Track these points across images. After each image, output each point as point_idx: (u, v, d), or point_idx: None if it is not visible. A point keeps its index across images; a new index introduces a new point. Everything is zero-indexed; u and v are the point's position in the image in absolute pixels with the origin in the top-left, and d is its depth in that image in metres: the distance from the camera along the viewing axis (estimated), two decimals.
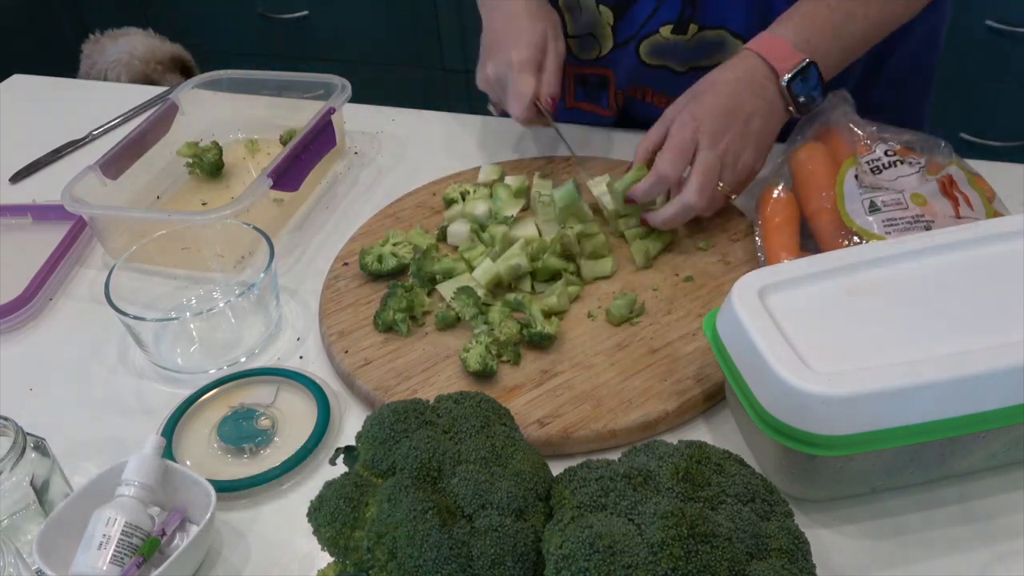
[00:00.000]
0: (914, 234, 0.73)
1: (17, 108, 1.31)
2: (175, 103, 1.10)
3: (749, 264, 0.84)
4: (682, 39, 0.98)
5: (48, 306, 0.92)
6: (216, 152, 1.07)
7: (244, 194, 0.90)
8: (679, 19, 0.97)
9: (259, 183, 0.92)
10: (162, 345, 0.83)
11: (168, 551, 0.63)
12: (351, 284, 0.87)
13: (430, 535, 0.53)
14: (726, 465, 0.57)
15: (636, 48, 1.01)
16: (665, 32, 0.98)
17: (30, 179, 1.14)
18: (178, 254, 0.91)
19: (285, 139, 1.10)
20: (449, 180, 1.01)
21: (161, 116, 1.08)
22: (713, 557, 0.50)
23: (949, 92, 1.88)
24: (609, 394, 0.73)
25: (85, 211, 0.92)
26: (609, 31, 1.02)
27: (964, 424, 0.58)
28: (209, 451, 0.73)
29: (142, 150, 1.04)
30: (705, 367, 0.74)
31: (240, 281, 0.90)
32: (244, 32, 2.59)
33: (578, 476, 0.56)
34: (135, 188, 1.03)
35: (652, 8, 0.97)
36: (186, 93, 1.11)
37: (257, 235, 0.86)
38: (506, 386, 0.74)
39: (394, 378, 0.76)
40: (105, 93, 1.35)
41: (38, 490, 0.65)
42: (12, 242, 1.01)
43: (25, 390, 0.82)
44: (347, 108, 1.10)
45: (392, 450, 0.58)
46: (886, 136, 0.85)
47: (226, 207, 0.89)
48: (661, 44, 1.00)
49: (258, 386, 0.78)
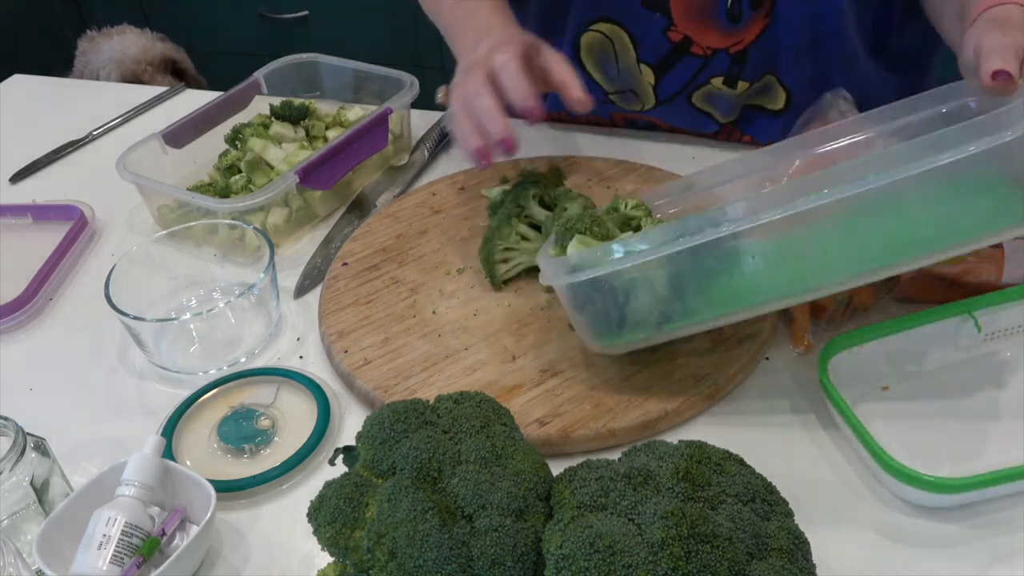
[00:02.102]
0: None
1: (17, 108, 1.31)
2: (258, 80, 1.09)
3: None
4: (732, 93, 0.98)
5: (48, 306, 0.92)
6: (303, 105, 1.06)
7: (267, 187, 0.90)
8: (728, 74, 0.96)
9: (285, 178, 0.91)
10: (162, 345, 0.83)
11: (168, 551, 0.63)
12: (351, 284, 0.87)
13: (430, 535, 0.53)
14: (726, 465, 0.57)
15: (687, 99, 1.00)
16: (716, 83, 0.97)
17: (30, 179, 1.14)
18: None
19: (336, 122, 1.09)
20: (449, 180, 1.01)
21: (239, 92, 1.07)
22: (713, 557, 0.50)
23: None
24: (608, 393, 0.73)
25: (127, 177, 0.94)
26: (650, 90, 1.00)
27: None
28: (209, 451, 0.73)
29: (212, 124, 1.04)
30: (704, 366, 0.74)
31: (240, 281, 0.90)
32: (244, 32, 2.59)
33: (578, 476, 0.56)
34: (200, 161, 1.03)
35: (697, 66, 0.96)
36: (268, 73, 1.10)
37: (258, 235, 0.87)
38: (506, 386, 0.74)
39: (394, 378, 0.76)
40: (105, 93, 1.35)
41: (38, 490, 0.65)
42: (12, 242, 1.01)
43: (25, 390, 0.82)
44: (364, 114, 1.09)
45: (392, 450, 0.58)
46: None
47: (247, 197, 0.90)
48: (713, 93, 0.99)
49: (258, 386, 0.79)
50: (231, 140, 1.04)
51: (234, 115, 1.06)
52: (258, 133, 1.03)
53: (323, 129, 1.06)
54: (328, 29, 2.51)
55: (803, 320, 0.77)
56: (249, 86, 1.08)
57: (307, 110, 1.07)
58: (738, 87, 0.97)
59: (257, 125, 1.04)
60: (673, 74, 0.98)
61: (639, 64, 0.98)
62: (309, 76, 1.13)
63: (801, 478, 0.67)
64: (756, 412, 0.73)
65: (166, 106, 1.27)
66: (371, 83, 1.10)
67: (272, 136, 1.03)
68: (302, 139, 1.05)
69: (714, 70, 0.97)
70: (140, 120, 1.24)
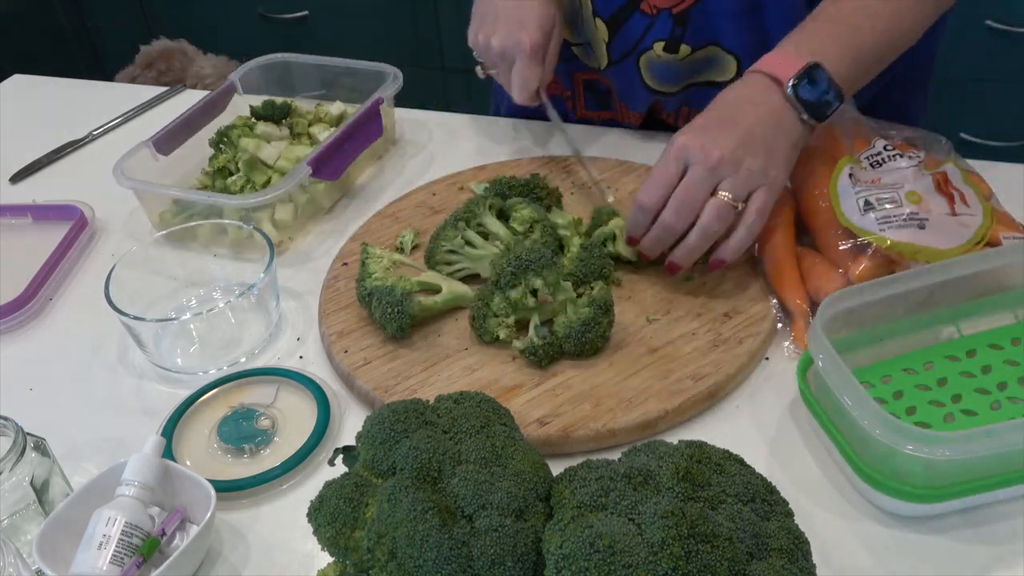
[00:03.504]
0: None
1: (17, 108, 1.31)
2: (234, 83, 1.10)
3: (748, 263, 0.84)
4: (674, 59, 0.97)
5: (48, 306, 0.92)
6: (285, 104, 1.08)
7: (282, 181, 0.91)
8: (670, 37, 0.96)
9: (298, 171, 0.93)
10: (162, 345, 0.83)
11: (168, 551, 0.63)
12: (351, 284, 0.87)
13: (430, 535, 0.53)
14: (726, 465, 0.57)
15: (636, 63, 1.00)
16: (658, 49, 0.97)
17: (30, 179, 1.14)
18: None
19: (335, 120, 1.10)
20: (449, 180, 1.01)
21: (218, 96, 1.08)
22: (713, 557, 0.50)
23: (949, 92, 1.89)
24: (608, 393, 0.73)
25: (128, 184, 0.94)
26: (604, 48, 1.01)
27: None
28: (209, 451, 0.73)
29: (195, 128, 1.05)
30: (704, 366, 0.74)
31: (240, 281, 0.91)
32: (243, 31, 2.59)
33: (578, 476, 0.56)
34: (187, 165, 1.04)
35: (645, 25, 0.97)
36: (242, 76, 1.11)
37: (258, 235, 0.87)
38: (505, 386, 0.74)
39: (393, 378, 0.76)
40: (105, 93, 1.34)
41: (38, 490, 0.65)
42: (12, 242, 1.01)
43: (25, 390, 0.82)
44: (347, 109, 1.10)
45: (392, 450, 0.58)
46: (887, 132, 0.85)
47: (265, 192, 0.90)
48: (656, 62, 0.99)
49: (258, 386, 0.79)
50: (216, 143, 1.05)
51: (214, 118, 1.07)
52: (246, 134, 1.04)
53: (306, 126, 1.07)
54: (328, 29, 2.51)
55: (803, 320, 0.77)
56: (226, 89, 1.09)
57: (290, 108, 1.08)
58: (680, 51, 0.97)
59: (242, 126, 1.05)
60: (623, 33, 0.98)
61: (595, 18, 0.99)
62: (281, 76, 1.15)
63: (801, 478, 0.67)
64: (756, 412, 0.73)
65: (165, 106, 1.27)
66: (346, 78, 1.12)
67: (260, 135, 1.04)
68: (287, 137, 1.06)
69: (658, 33, 0.96)
70: (140, 120, 1.24)
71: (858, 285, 0.70)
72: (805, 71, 0.79)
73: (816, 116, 0.80)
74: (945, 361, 0.73)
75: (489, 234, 0.85)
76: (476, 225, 0.86)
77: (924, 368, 0.72)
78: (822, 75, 0.79)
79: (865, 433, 0.60)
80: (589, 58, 1.05)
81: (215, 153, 1.04)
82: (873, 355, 0.73)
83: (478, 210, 0.86)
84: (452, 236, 0.85)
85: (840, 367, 0.63)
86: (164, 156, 1.00)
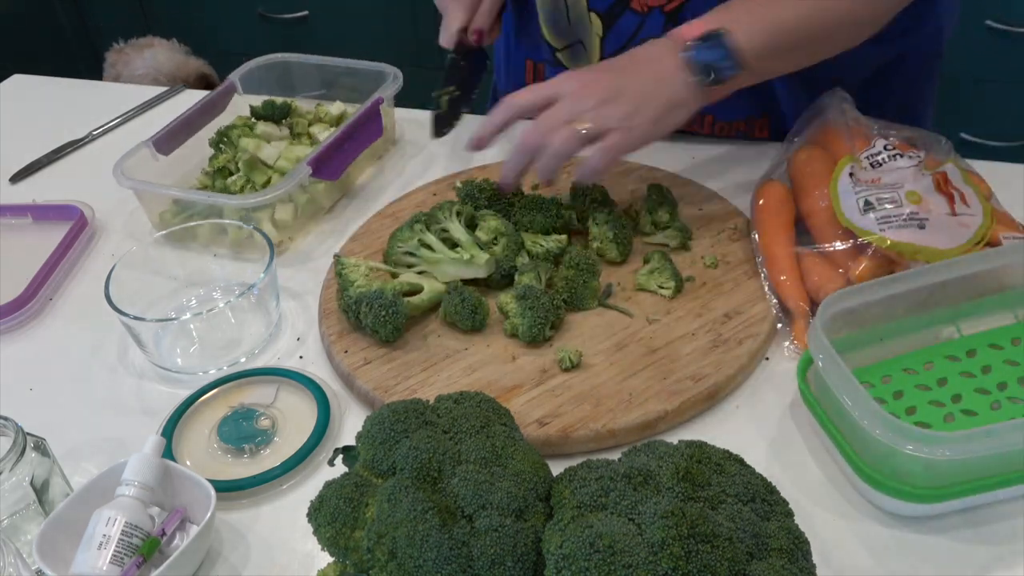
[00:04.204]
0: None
1: (17, 108, 1.31)
2: (233, 83, 1.10)
3: (748, 264, 0.84)
4: None
5: (48, 306, 0.92)
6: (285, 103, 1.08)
7: (282, 181, 0.91)
8: (662, 35, 0.96)
9: (298, 171, 0.93)
10: (162, 345, 0.83)
11: (168, 551, 0.63)
12: None
13: (430, 535, 0.53)
14: (726, 465, 0.57)
15: None
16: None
17: (30, 179, 1.14)
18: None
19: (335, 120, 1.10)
20: (448, 180, 1.01)
21: (218, 96, 1.08)
22: (713, 557, 0.50)
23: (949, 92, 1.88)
24: (608, 394, 0.73)
25: (128, 184, 0.94)
26: (597, 44, 1.01)
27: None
28: (209, 451, 0.73)
29: (195, 128, 1.05)
30: (704, 367, 0.74)
31: (240, 281, 0.91)
32: (243, 32, 2.59)
33: (578, 476, 0.56)
34: (187, 165, 1.04)
35: (636, 24, 0.96)
36: (242, 76, 1.12)
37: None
38: (505, 386, 0.74)
39: (393, 378, 0.76)
40: (105, 93, 1.34)
41: (38, 490, 0.65)
42: (12, 242, 1.01)
43: (25, 390, 0.82)
44: (347, 109, 1.10)
45: (392, 450, 0.58)
46: (887, 132, 0.85)
47: (265, 192, 0.90)
48: None
49: (258, 386, 0.79)
50: (216, 143, 1.05)
51: (214, 118, 1.07)
52: (246, 134, 1.04)
53: (306, 126, 1.08)
54: (328, 29, 2.51)
55: (803, 320, 0.77)
56: (226, 89, 1.09)
57: (290, 108, 1.08)
58: None
59: (242, 126, 1.05)
60: (617, 29, 0.98)
61: (589, 12, 0.99)
62: (281, 76, 1.15)
63: (801, 478, 0.67)
64: (756, 412, 0.73)
65: (165, 106, 1.27)
66: (346, 78, 1.12)
67: (260, 135, 1.04)
68: (287, 137, 1.06)
69: (649, 31, 0.96)
70: (139, 120, 1.24)
71: (858, 285, 0.71)
72: (705, 35, 0.80)
73: (712, 81, 0.80)
74: (945, 361, 0.73)
75: (452, 240, 0.85)
76: (440, 230, 0.86)
77: (924, 368, 0.72)
78: (723, 41, 0.79)
79: (865, 433, 0.60)
80: (579, 59, 1.05)
81: (215, 153, 1.04)
82: (873, 355, 0.73)
83: (442, 215, 0.86)
84: (408, 238, 0.85)
85: (840, 367, 0.63)
86: (164, 156, 1.00)
